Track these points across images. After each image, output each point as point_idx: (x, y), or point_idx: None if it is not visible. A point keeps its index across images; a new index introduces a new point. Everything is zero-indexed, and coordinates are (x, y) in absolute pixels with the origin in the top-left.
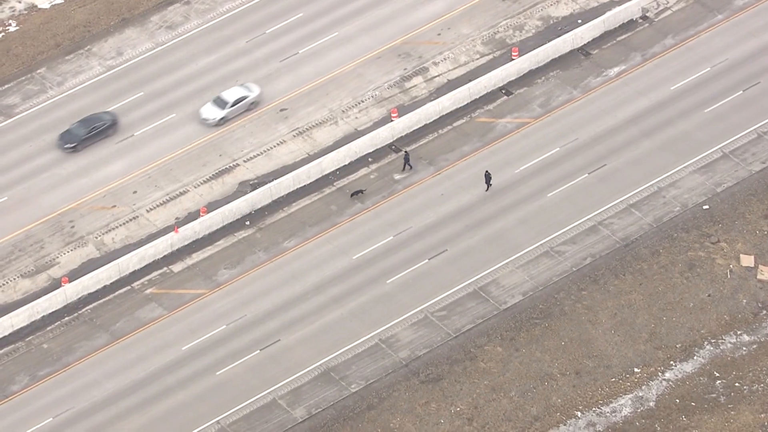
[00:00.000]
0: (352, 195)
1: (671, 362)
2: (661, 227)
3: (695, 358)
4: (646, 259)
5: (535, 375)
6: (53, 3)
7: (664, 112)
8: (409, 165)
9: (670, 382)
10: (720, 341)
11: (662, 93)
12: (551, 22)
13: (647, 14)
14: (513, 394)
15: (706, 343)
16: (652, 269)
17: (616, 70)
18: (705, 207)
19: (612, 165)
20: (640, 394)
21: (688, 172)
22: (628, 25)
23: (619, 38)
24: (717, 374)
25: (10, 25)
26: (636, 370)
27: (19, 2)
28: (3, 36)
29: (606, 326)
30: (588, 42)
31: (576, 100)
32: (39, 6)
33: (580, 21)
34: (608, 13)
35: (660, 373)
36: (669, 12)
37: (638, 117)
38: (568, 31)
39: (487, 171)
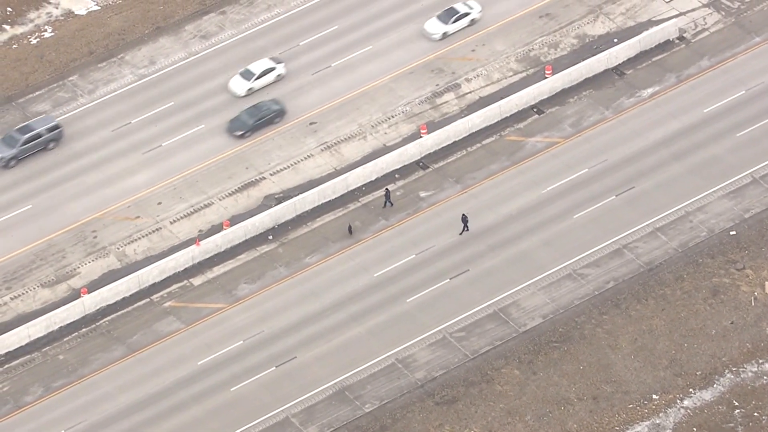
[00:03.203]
0: (349, 230)
1: (690, 390)
2: (686, 252)
3: (715, 386)
4: (670, 284)
5: (552, 399)
6: (89, 9)
7: (695, 135)
8: (389, 202)
9: (689, 410)
10: (741, 370)
11: (695, 115)
12: (587, 40)
13: (684, 35)
14: (528, 419)
15: (726, 371)
16: (675, 295)
17: (649, 91)
18: (732, 233)
19: (640, 188)
20: (658, 422)
21: (716, 197)
22: (665, 46)
23: (654, 59)
24: (736, 403)
25: (45, 30)
26: (654, 396)
27: (56, 8)
28: (38, 42)
29: (626, 351)
30: (623, 62)
31: (607, 120)
32: (76, 12)
33: (616, 40)
34: (644, 33)
35: (678, 401)
36: (706, 33)
37: (669, 139)
38: (603, 51)
39: (464, 214)
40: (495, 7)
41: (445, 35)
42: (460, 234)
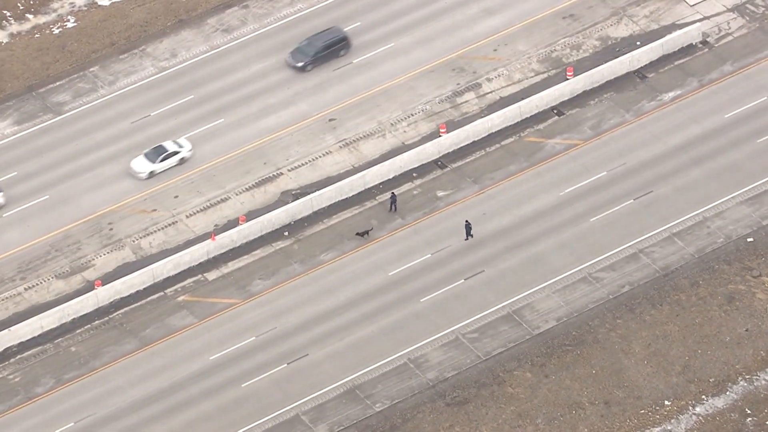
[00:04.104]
0: (357, 234)
1: (703, 396)
2: (702, 258)
3: (728, 393)
4: (685, 290)
5: (564, 403)
6: (113, 0)
7: (715, 141)
8: (394, 207)
9: (700, 417)
10: (755, 377)
11: (716, 121)
12: (609, 42)
13: (708, 39)
14: (539, 422)
15: (740, 378)
16: (690, 300)
17: (671, 95)
18: (749, 239)
19: (658, 192)
20: (669, 428)
21: (734, 203)
22: (688, 50)
23: (676, 62)
24: (749, 411)
25: (68, 21)
26: (666, 402)
27: None
28: (60, 32)
29: (639, 356)
30: (645, 65)
31: (628, 123)
32: (99, 3)
33: (639, 43)
34: (667, 37)
35: (691, 407)
36: (730, 38)
37: (689, 144)
38: (625, 53)
39: (467, 221)
40: (518, 6)
41: (152, 174)
42: (465, 240)
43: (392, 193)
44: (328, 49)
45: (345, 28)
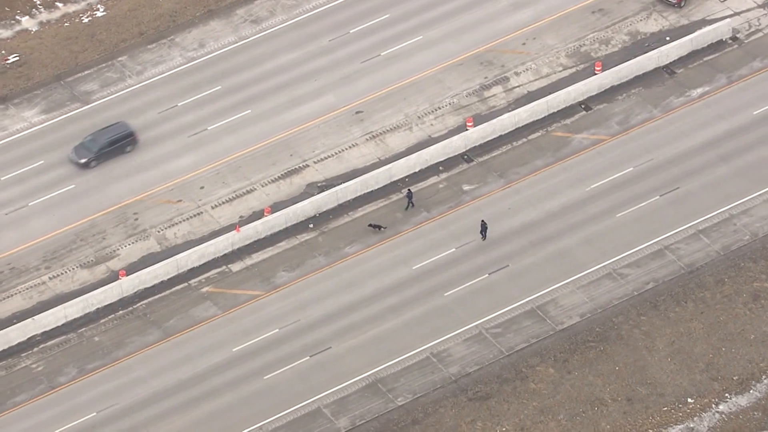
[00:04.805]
0: (369, 225)
1: (726, 394)
2: (728, 255)
3: (751, 391)
4: (710, 287)
5: (586, 399)
6: None
7: (743, 137)
8: (411, 203)
9: (723, 415)
10: None
11: (744, 117)
12: (639, 37)
13: (738, 35)
14: (561, 418)
15: (764, 376)
16: (715, 298)
17: (699, 91)
18: None
19: (685, 188)
20: (692, 426)
21: (761, 201)
22: (717, 46)
23: (706, 58)
24: None
25: (97, 10)
26: (689, 400)
27: None
28: (90, 21)
29: (662, 353)
30: (674, 60)
31: (655, 119)
32: None
33: (668, 38)
34: (697, 32)
35: (714, 405)
36: (760, 34)
37: (717, 141)
38: (654, 48)
39: (483, 220)
40: (548, 1)
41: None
42: (483, 240)
43: (408, 189)
44: (114, 144)
45: (374, 20)
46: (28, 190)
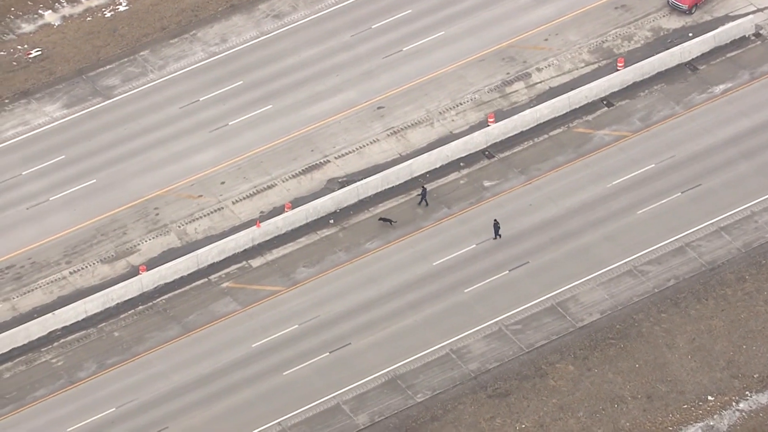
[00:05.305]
0: (380, 219)
1: (747, 392)
2: (749, 253)
3: None
4: (731, 284)
5: (606, 396)
6: None
7: (766, 134)
8: (425, 201)
9: (744, 413)
10: None
11: (766, 114)
12: (661, 33)
13: (760, 31)
14: (581, 415)
15: None
16: (736, 296)
17: (721, 87)
18: None
19: (707, 185)
20: (712, 424)
21: None
22: (740, 42)
23: (728, 55)
24: None
25: (120, 4)
26: (710, 398)
27: None
28: (112, 15)
29: (683, 351)
30: (696, 57)
31: (677, 116)
32: None
33: (691, 34)
34: (720, 29)
35: (734, 403)
36: None
37: (739, 137)
38: (677, 45)
39: (495, 220)
40: None
41: None
42: (494, 239)
43: (423, 187)
44: None
45: (396, 16)
46: (49, 185)
